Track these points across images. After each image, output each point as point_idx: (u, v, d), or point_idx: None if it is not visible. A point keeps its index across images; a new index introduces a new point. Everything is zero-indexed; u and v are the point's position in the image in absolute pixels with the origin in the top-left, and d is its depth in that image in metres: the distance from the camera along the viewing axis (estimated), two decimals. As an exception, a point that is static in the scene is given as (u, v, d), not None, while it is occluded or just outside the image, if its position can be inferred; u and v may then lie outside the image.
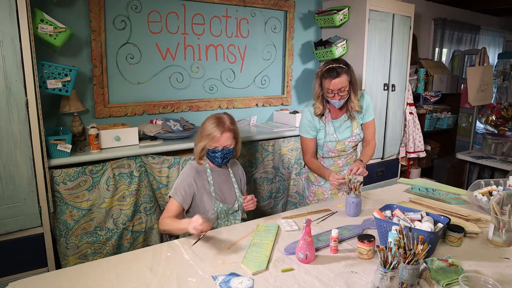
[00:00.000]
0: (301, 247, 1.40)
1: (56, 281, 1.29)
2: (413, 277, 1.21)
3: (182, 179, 1.86)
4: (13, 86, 1.80)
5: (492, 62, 5.21)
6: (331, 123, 2.16)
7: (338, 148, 2.19)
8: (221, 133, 1.83)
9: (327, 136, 2.16)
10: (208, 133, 1.85)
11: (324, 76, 2.00)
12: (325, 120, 2.16)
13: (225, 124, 1.86)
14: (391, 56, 3.36)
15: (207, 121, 1.91)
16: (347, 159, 2.26)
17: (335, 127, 2.17)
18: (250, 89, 3.24)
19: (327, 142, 2.17)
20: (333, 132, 2.16)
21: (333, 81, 1.97)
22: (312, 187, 2.32)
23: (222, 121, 1.87)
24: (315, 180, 2.30)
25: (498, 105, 4.33)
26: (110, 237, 2.24)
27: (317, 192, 2.30)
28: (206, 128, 1.88)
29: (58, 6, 2.28)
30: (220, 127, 1.85)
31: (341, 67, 1.98)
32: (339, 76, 1.97)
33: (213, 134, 1.84)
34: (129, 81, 2.63)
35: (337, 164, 2.25)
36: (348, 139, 2.18)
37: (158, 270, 1.36)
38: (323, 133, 2.17)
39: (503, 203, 1.67)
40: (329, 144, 2.18)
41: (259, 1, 3.10)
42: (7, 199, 1.86)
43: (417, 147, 3.67)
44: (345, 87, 2.00)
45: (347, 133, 2.18)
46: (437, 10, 4.76)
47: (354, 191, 1.84)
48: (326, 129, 2.16)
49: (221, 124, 1.86)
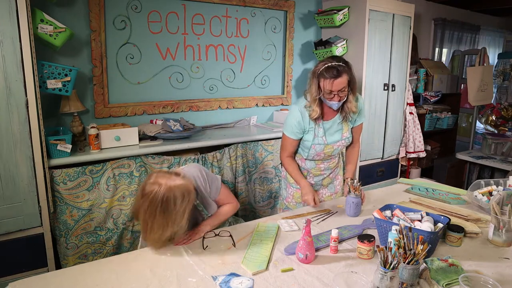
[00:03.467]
0: (301, 247, 1.40)
1: (56, 281, 1.29)
2: (413, 277, 1.21)
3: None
4: (13, 86, 1.80)
5: (492, 62, 5.21)
6: (321, 124, 1.98)
7: (325, 152, 2.02)
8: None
9: (315, 138, 1.98)
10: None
11: (323, 76, 1.80)
12: (316, 122, 1.97)
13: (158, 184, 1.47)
14: (391, 56, 3.36)
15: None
16: (330, 164, 2.11)
17: (325, 129, 1.98)
18: (250, 89, 3.24)
19: (315, 144, 1.99)
20: (322, 135, 1.98)
21: (334, 82, 1.78)
22: (290, 189, 2.16)
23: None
24: (294, 182, 2.12)
25: (498, 105, 4.33)
26: (110, 237, 2.24)
27: (295, 195, 2.15)
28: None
29: (58, 6, 2.28)
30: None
31: (341, 66, 1.80)
32: (341, 76, 1.78)
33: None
34: (129, 81, 2.63)
35: (318, 167, 2.10)
36: (337, 143, 2.02)
37: (158, 270, 1.36)
38: (311, 135, 1.98)
39: (503, 203, 1.67)
40: (317, 147, 2.00)
41: (259, 1, 3.10)
42: (7, 199, 1.86)
43: (417, 147, 3.67)
44: (345, 87, 1.82)
45: (337, 136, 2.01)
46: (437, 10, 4.75)
47: (354, 191, 1.83)
48: (316, 130, 1.97)
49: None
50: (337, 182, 2.21)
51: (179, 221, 1.47)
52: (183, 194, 1.48)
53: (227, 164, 2.65)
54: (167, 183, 1.46)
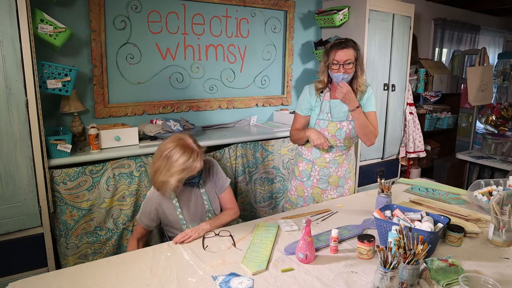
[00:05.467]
0: (301, 247, 1.40)
1: (56, 281, 1.29)
2: (413, 277, 1.21)
3: (144, 206, 1.86)
4: (13, 86, 1.80)
5: (492, 62, 5.21)
6: (328, 102, 2.08)
7: (329, 130, 2.07)
8: (199, 161, 1.71)
9: (320, 113, 2.09)
10: (184, 167, 1.67)
11: (332, 48, 1.99)
12: (323, 98, 2.09)
13: (194, 150, 1.72)
14: (391, 56, 3.36)
15: (172, 153, 1.69)
16: (335, 155, 2.12)
17: (331, 107, 2.08)
18: (250, 89, 3.24)
19: (320, 120, 2.09)
20: (328, 111, 2.08)
21: (339, 52, 1.95)
22: (295, 182, 2.24)
23: (190, 147, 1.71)
24: (299, 175, 2.21)
25: (498, 105, 4.34)
26: (110, 237, 2.24)
27: (298, 188, 2.22)
28: (177, 163, 1.67)
29: (58, 6, 2.28)
30: (194, 156, 1.70)
31: (349, 41, 1.99)
32: (347, 47, 1.95)
33: (192, 166, 1.70)
34: (129, 81, 2.63)
35: (323, 157, 2.13)
36: (342, 122, 2.06)
37: (158, 270, 1.36)
38: (317, 111, 2.10)
39: (503, 203, 1.67)
40: (321, 123, 2.08)
41: (259, 1, 3.10)
42: (7, 199, 1.86)
43: (417, 147, 3.67)
44: (351, 60, 1.96)
45: (342, 115, 2.07)
46: (437, 10, 4.76)
47: (387, 191, 1.82)
48: (322, 106, 2.09)
49: (193, 153, 1.70)
50: (347, 186, 2.20)
51: (172, 173, 1.66)
52: (190, 154, 1.69)
53: (227, 164, 2.65)
54: (186, 139, 1.74)
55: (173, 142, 1.72)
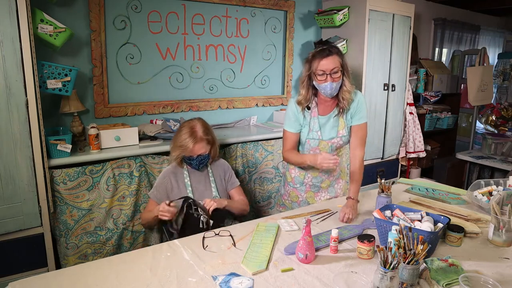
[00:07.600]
0: (301, 247, 1.40)
1: (56, 281, 1.29)
2: (413, 277, 1.21)
3: (158, 180, 2.06)
4: (13, 86, 1.80)
5: (492, 62, 5.22)
6: (316, 119, 1.95)
7: (320, 148, 1.98)
8: (193, 144, 1.93)
9: (310, 132, 1.97)
10: (181, 144, 1.95)
11: (314, 58, 1.80)
12: (311, 115, 1.96)
13: (197, 135, 1.95)
14: (391, 56, 3.36)
15: (181, 130, 1.99)
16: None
17: (321, 124, 1.96)
18: (250, 89, 3.24)
19: (310, 139, 1.98)
20: (317, 129, 1.96)
21: (323, 61, 1.77)
22: (288, 187, 2.16)
23: (195, 131, 1.96)
24: (291, 181, 2.13)
25: (498, 105, 4.34)
26: (110, 237, 2.24)
27: (291, 194, 2.15)
28: (179, 139, 1.96)
29: (58, 6, 2.28)
30: (192, 139, 1.93)
31: (332, 47, 1.81)
32: (332, 55, 1.78)
33: (186, 146, 1.93)
34: (129, 81, 2.63)
35: (315, 169, 2.01)
36: (332, 140, 1.97)
37: (158, 270, 1.36)
38: (306, 129, 1.98)
39: (503, 203, 1.67)
40: (312, 142, 1.98)
41: (259, 1, 3.10)
42: (7, 199, 1.86)
43: (417, 147, 3.67)
44: (338, 68, 1.79)
45: (333, 133, 1.96)
46: (437, 10, 4.76)
47: (387, 191, 1.81)
48: (311, 125, 1.96)
49: (193, 135, 1.94)
50: (338, 186, 2.14)
51: (174, 146, 1.99)
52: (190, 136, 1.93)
53: (227, 164, 2.65)
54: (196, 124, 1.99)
55: (187, 122, 2.02)
